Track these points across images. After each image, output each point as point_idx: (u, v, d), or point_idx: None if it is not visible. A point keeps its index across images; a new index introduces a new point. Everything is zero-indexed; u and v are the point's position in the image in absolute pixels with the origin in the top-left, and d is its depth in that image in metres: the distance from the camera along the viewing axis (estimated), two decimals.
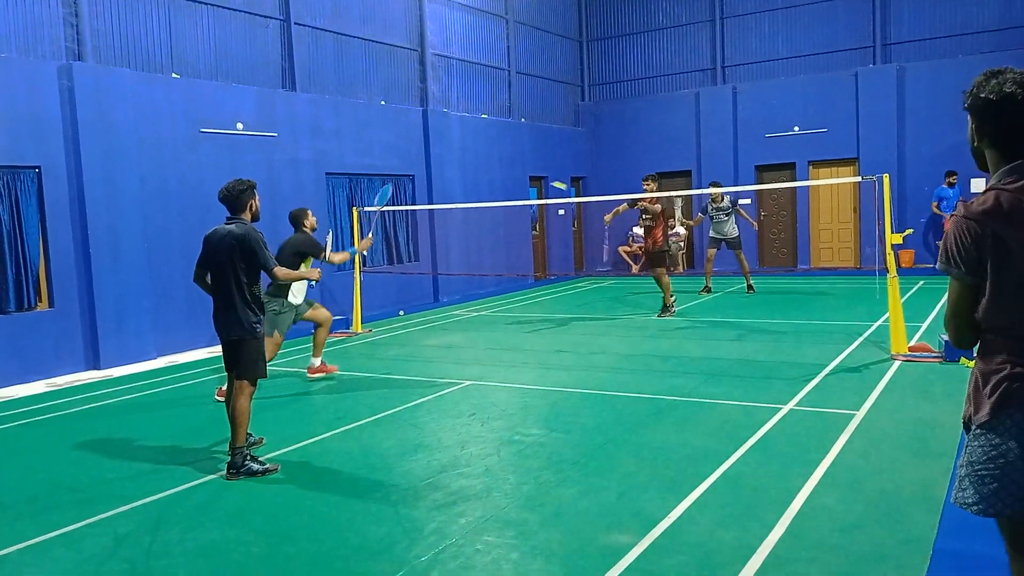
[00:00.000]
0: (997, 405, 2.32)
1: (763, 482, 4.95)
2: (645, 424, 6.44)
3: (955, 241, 2.31)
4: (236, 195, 5.70)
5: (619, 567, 3.87)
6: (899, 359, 8.30)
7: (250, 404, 5.68)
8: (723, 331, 10.82)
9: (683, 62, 20.28)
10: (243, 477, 5.46)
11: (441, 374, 8.73)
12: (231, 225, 5.68)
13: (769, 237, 19.22)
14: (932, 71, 16.97)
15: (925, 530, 4.12)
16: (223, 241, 5.61)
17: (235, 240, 5.57)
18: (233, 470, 5.50)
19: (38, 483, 5.69)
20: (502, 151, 17.74)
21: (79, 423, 7.42)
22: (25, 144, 9.52)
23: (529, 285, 18.06)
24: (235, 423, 5.56)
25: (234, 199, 5.70)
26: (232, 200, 5.71)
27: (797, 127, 18.34)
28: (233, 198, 5.70)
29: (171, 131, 11.05)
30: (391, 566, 4.03)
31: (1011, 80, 2.32)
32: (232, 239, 5.58)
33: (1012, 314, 2.30)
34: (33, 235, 9.71)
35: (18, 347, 9.45)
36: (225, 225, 5.71)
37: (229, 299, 5.60)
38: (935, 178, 16.61)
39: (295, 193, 12.86)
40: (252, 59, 12.74)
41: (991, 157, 2.41)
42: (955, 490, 2.45)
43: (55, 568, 4.23)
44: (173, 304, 11.04)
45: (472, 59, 17.55)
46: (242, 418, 5.57)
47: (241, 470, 5.48)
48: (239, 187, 5.71)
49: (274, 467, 5.61)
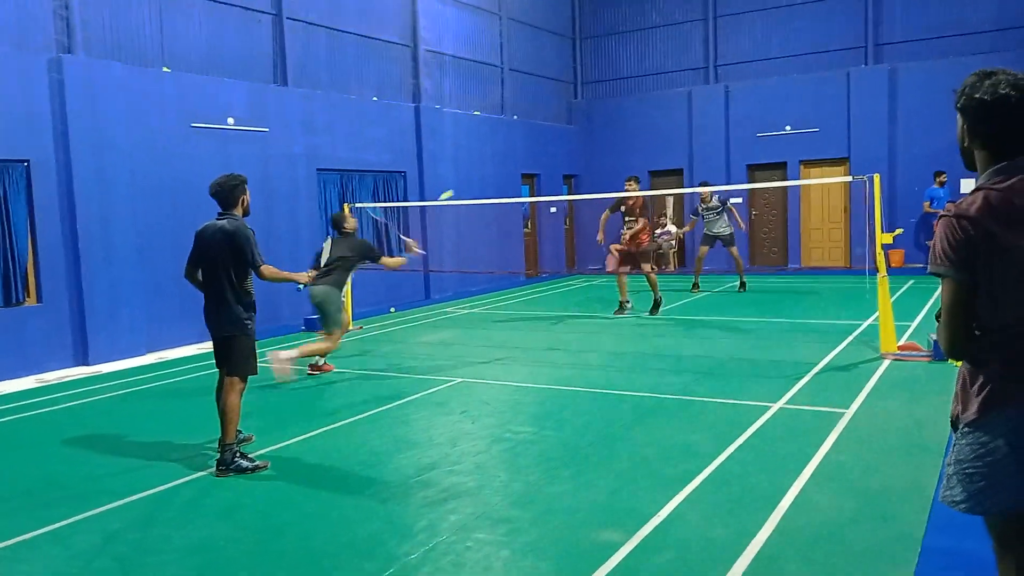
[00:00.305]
0: (985, 404, 2.33)
1: (753, 480, 4.97)
2: (636, 422, 6.45)
3: (946, 241, 2.30)
4: (228, 190, 5.66)
5: (609, 564, 3.88)
6: (888, 358, 8.34)
7: (240, 401, 5.66)
8: (713, 329, 10.84)
9: (676, 61, 20.31)
10: (233, 474, 5.45)
11: (432, 371, 8.72)
12: (223, 221, 5.65)
13: (760, 236, 19.27)
14: (924, 72, 17.04)
15: (914, 527, 4.14)
16: (214, 237, 5.58)
17: (226, 236, 5.54)
18: (223, 467, 5.48)
19: (27, 479, 5.66)
20: (495, 148, 17.73)
21: (68, 419, 7.38)
22: (14, 137, 9.45)
23: (521, 283, 18.07)
24: (225, 419, 5.55)
25: (226, 194, 5.67)
26: (224, 195, 5.67)
27: (789, 126, 18.39)
28: (225, 193, 5.67)
29: (162, 125, 11.00)
30: (381, 563, 4.03)
31: (1005, 82, 2.32)
32: (223, 235, 5.55)
33: (1002, 313, 2.31)
34: (21, 229, 9.64)
35: (6, 342, 9.39)
36: (216, 221, 5.69)
37: (221, 295, 5.58)
38: (926, 179, 16.69)
39: (287, 188, 12.84)
40: (244, 54, 12.69)
41: (981, 157, 2.42)
42: (943, 488, 2.47)
43: (45, 564, 4.21)
44: (163, 300, 10.98)
45: (465, 56, 17.53)
46: (232, 414, 5.55)
47: (231, 467, 5.46)
48: (231, 182, 5.68)
49: (264, 464, 5.60)
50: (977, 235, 2.25)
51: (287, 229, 12.83)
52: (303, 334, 11.72)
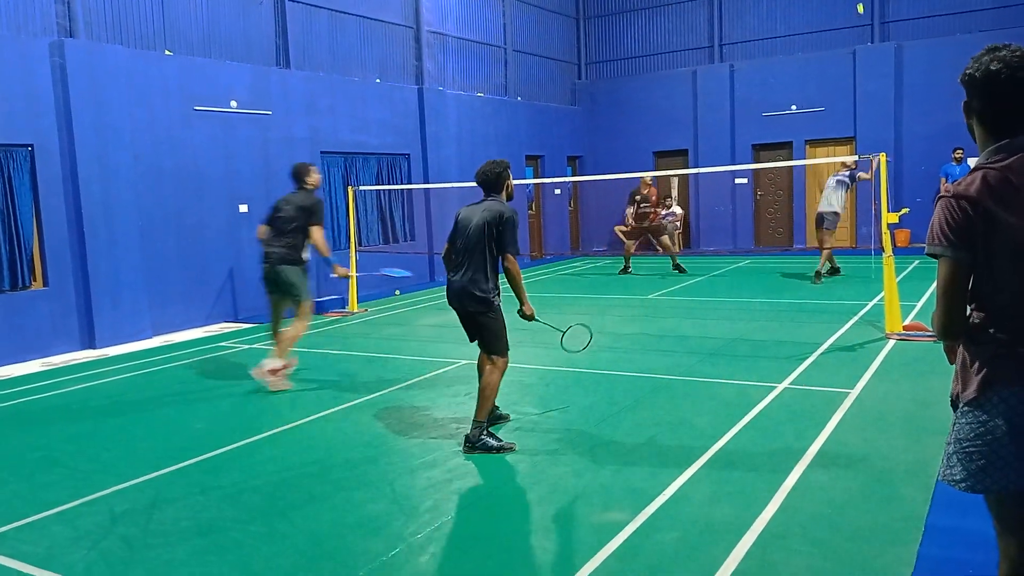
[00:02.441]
0: (984, 382, 2.33)
1: (757, 460, 4.98)
2: (640, 403, 6.46)
3: (944, 221, 2.28)
4: (495, 177, 5.72)
5: (614, 543, 3.90)
6: (893, 338, 8.33)
7: (499, 381, 5.56)
8: (718, 310, 10.83)
9: (680, 40, 20.16)
10: (480, 452, 5.32)
11: (437, 353, 8.74)
12: (490, 201, 5.66)
13: (765, 216, 19.20)
14: (930, 49, 16.89)
15: (917, 506, 4.15)
16: (479, 218, 5.56)
17: (491, 217, 5.52)
18: (469, 444, 5.37)
19: (34, 461, 5.70)
20: (498, 130, 17.66)
21: (75, 402, 7.42)
22: (17, 122, 9.45)
23: (525, 265, 18.05)
24: (481, 396, 5.45)
25: (493, 180, 5.72)
26: (491, 181, 5.71)
27: (794, 106, 18.27)
28: (493, 179, 5.71)
29: (164, 108, 10.97)
30: (388, 543, 4.06)
31: (999, 58, 2.28)
32: (489, 216, 5.53)
33: (1001, 293, 2.30)
34: (27, 213, 9.66)
35: (13, 326, 9.44)
36: (484, 200, 5.69)
37: (473, 273, 5.53)
38: (932, 157, 16.58)
39: (290, 172, 12.79)
40: (246, 36, 12.63)
41: (979, 134, 2.40)
42: (943, 467, 2.47)
43: (52, 545, 4.25)
44: (168, 283, 11.02)
45: (468, 37, 17.42)
46: (488, 391, 5.45)
47: (476, 445, 5.34)
48: (496, 168, 5.74)
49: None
50: (976, 215, 2.24)
51: None
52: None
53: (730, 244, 19.10)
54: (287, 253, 7.42)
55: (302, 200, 7.56)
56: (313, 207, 7.56)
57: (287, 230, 7.44)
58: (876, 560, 3.64)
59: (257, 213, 12.27)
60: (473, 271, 5.52)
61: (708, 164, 18.47)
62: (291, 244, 7.43)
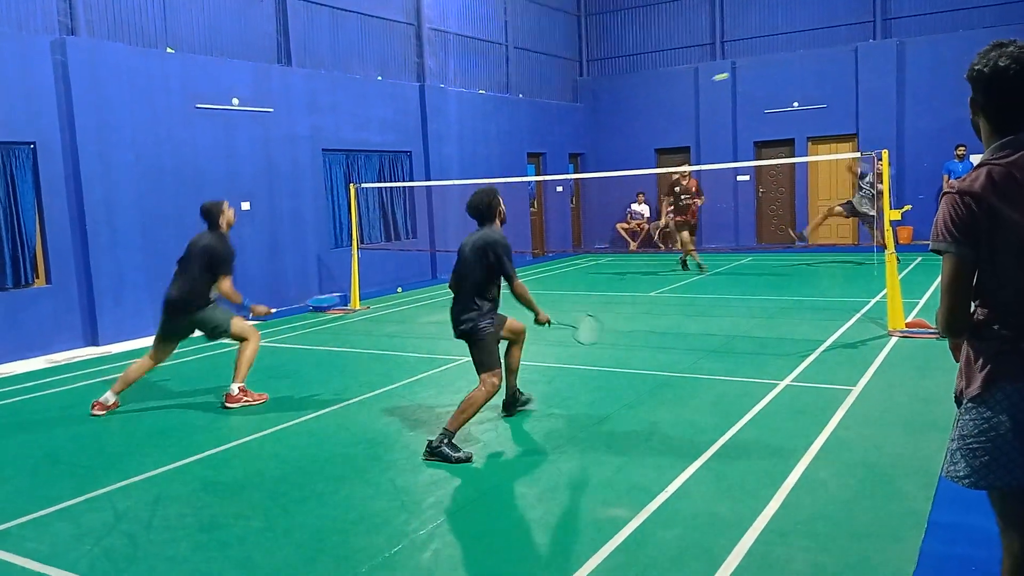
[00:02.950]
0: (988, 379, 2.33)
1: (759, 457, 4.98)
2: (642, 400, 6.47)
3: (949, 217, 2.28)
4: (485, 207, 5.74)
5: (616, 539, 3.90)
6: (896, 335, 8.32)
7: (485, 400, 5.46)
8: (720, 308, 10.83)
9: (682, 37, 20.13)
10: (436, 460, 5.21)
11: (439, 351, 8.74)
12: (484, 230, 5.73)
13: (767, 213, 19.19)
14: (932, 46, 16.85)
15: (920, 503, 4.15)
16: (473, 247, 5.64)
17: (484, 244, 5.59)
18: (428, 450, 5.28)
19: (38, 458, 5.71)
20: (499, 127, 17.64)
21: (78, 399, 7.43)
22: (19, 120, 9.45)
23: (527, 262, 18.04)
24: (459, 408, 5.38)
25: (484, 209, 5.75)
26: (483, 211, 5.75)
27: (796, 103, 18.24)
28: (484, 208, 5.74)
29: (166, 106, 10.98)
30: (390, 539, 4.06)
31: (1007, 54, 2.28)
32: (482, 243, 5.60)
33: (1005, 289, 2.29)
34: (29, 211, 9.68)
35: (16, 323, 9.45)
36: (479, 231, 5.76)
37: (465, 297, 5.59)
38: (935, 154, 16.55)
39: (292, 170, 12.82)
40: (247, 33, 12.62)
41: (984, 130, 2.39)
42: (946, 463, 2.47)
43: (55, 542, 4.26)
44: (167, 281, 10.98)
45: (469, 34, 17.40)
46: (466, 406, 5.37)
47: (434, 451, 5.24)
48: (485, 198, 5.75)
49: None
50: (981, 211, 2.24)
51: (292, 211, 12.83)
52: (310, 314, 11.76)
53: (732, 241, 19.08)
54: (191, 300, 6.76)
55: (212, 243, 6.79)
56: (224, 256, 6.73)
57: (194, 274, 6.77)
58: (878, 556, 3.64)
59: (259, 211, 12.30)
60: (466, 296, 5.60)
61: (710, 161, 18.44)
62: (195, 289, 6.76)
